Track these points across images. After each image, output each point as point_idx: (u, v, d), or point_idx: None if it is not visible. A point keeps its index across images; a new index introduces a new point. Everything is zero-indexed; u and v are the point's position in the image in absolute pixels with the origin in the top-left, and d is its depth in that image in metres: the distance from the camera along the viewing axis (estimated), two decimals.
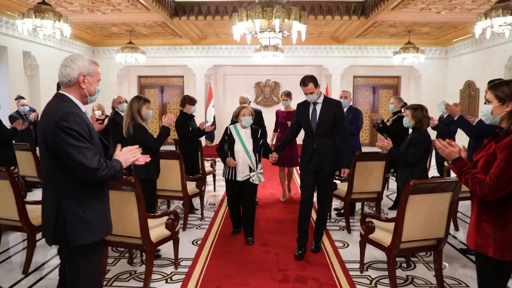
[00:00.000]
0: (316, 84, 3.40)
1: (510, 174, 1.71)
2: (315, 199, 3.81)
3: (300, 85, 3.46)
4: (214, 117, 10.41)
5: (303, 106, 3.57)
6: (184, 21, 7.92)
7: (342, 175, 3.49)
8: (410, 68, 10.92)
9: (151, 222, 2.75)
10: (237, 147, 3.74)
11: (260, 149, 3.81)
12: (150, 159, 2.14)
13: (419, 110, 3.21)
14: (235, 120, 3.96)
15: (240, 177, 3.73)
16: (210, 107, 10.58)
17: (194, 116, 4.84)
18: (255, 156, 3.75)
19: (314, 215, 3.99)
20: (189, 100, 4.76)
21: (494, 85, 1.85)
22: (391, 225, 2.62)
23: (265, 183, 5.48)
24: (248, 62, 10.40)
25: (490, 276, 1.85)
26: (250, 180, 3.72)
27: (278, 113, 5.39)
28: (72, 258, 1.91)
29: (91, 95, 1.98)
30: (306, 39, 5.22)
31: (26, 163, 4.61)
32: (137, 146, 2.05)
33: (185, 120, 4.67)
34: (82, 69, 1.92)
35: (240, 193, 3.81)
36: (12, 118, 5.54)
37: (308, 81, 3.38)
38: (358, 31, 8.81)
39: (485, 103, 1.92)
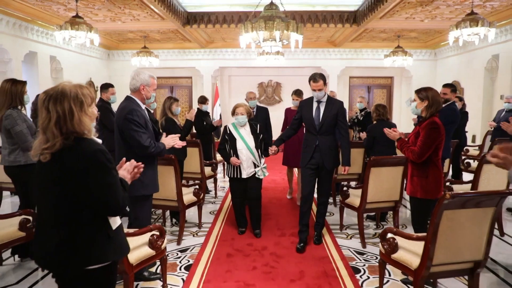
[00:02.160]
0: (325, 82, 3.52)
1: (428, 144, 2.71)
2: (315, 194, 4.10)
3: (310, 81, 3.52)
4: (220, 115, 11.35)
5: (307, 103, 3.63)
6: (194, 29, 8.84)
7: (343, 172, 3.62)
8: (402, 69, 11.75)
9: (183, 190, 3.69)
10: (239, 145, 3.78)
11: (261, 144, 3.88)
12: (185, 144, 3.07)
13: (375, 106, 4.30)
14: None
15: (245, 174, 3.80)
16: (217, 106, 11.50)
17: (209, 112, 5.79)
18: (258, 151, 3.83)
19: (314, 207, 4.65)
20: (202, 100, 5.76)
21: (417, 90, 2.91)
22: (360, 192, 3.55)
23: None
24: (252, 64, 11.30)
25: (419, 211, 2.87)
26: (256, 175, 3.81)
27: (287, 111, 5.34)
28: (133, 205, 2.84)
29: (147, 98, 2.91)
30: (305, 43, 6.08)
31: None
32: (178, 135, 2.98)
33: (200, 116, 5.61)
34: (143, 81, 2.84)
35: (247, 189, 3.86)
36: None
37: (319, 77, 3.47)
38: (352, 36, 9.66)
39: (413, 101, 2.90)
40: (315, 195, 3.85)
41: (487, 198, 2.06)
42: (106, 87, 4.68)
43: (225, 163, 6.86)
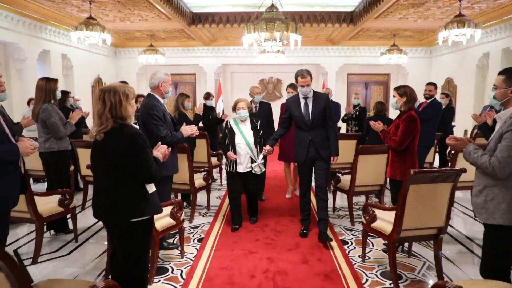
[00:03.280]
0: (311, 78, 3.60)
1: (406, 134, 3.18)
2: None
3: (297, 77, 3.58)
4: (223, 111, 11.82)
5: (294, 101, 3.69)
6: (199, 28, 9.29)
7: (333, 162, 3.68)
8: (398, 67, 12.18)
9: (194, 175, 4.19)
10: (238, 139, 3.86)
11: (261, 140, 3.92)
12: (198, 133, 3.54)
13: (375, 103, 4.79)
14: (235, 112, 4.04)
15: (242, 168, 3.86)
16: (219, 101, 11.97)
17: (214, 107, 6.29)
18: (256, 147, 3.88)
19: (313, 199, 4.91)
20: (207, 95, 6.30)
21: (396, 88, 3.36)
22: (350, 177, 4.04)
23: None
24: (253, 61, 11.73)
25: (397, 191, 3.28)
26: (252, 171, 3.87)
27: (283, 106, 4.87)
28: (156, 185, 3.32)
29: (165, 93, 3.38)
30: (305, 41, 6.52)
31: None
32: (195, 125, 3.46)
33: (206, 111, 6.10)
34: (160, 79, 3.32)
35: (245, 182, 3.95)
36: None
37: (306, 73, 3.55)
38: (349, 34, 10.09)
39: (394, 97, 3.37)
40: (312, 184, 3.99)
41: (445, 175, 2.55)
42: None
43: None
